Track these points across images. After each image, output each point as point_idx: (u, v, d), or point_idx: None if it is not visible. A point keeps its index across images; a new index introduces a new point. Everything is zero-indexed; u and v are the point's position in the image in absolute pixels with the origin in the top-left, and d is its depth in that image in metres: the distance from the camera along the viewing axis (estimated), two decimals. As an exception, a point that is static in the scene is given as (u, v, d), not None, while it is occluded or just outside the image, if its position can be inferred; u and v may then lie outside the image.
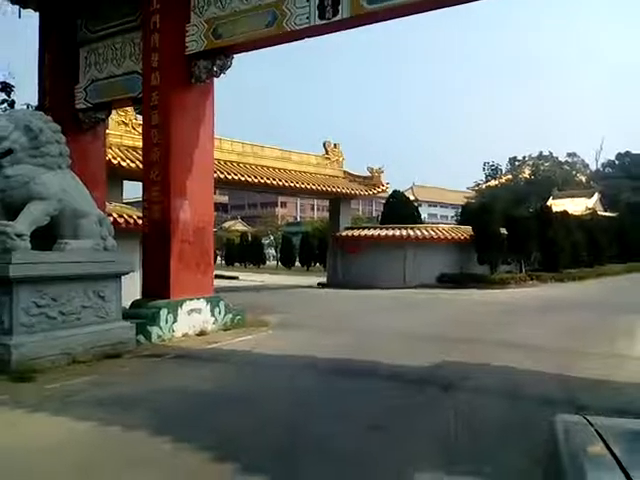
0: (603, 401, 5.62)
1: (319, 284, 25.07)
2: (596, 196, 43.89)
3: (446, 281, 22.00)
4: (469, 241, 23.12)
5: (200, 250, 10.71)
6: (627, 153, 56.14)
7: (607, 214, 40.55)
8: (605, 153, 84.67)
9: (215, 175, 13.62)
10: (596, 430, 1.33)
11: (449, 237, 23.36)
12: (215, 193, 12.37)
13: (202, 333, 10.24)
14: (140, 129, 12.68)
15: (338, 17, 9.04)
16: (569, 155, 57.72)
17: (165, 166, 10.25)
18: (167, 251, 10.14)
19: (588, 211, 38.32)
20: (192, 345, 9.35)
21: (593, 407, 5.29)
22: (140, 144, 11.77)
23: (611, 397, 5.85)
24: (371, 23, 9.88)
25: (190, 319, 10.20)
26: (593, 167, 59.52)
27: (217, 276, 17.30)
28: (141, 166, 11.78)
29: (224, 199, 70.17)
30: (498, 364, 7.58)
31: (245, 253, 45.37)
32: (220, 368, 7.82)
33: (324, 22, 9.18)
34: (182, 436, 4.64)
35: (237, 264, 45.54)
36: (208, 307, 10.62)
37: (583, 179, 55.29)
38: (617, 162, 56.97)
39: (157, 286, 10.12)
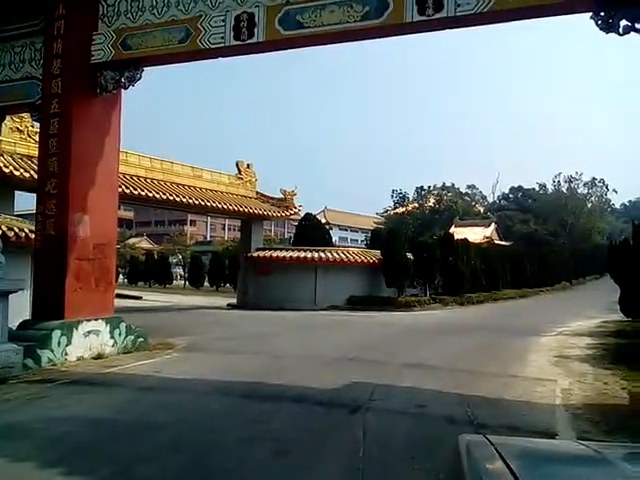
0: (497, 418, 5.98)
1: (229, 305, 24.60)
2: (493, 226, 47.15)
3: (355, 303, 22.49)
4: (378, 265, 23.85)
5: (100, 268, 10.11)
6: (520, 187, 61.14)
7: (502, 243, 43.74)
8: (501, 186, 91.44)
9: (120, 190, 13.02)
10: (495, 448, 1.38)
11: (359, 260, 23.95)
12: (120, 208, 11.79)
13: (100, 356, 9.64)
14: (37, 137, 11.87)
15: (253, 39, 9.06)
16: (469, 187, 61.79)
17: (64, 178, 9.66)
18: (62, 268, 9.48)
19: (486, 240, 41.17)
20: (88, 370, 8.75)
21: (489, 424, 5.58)
22: (36, 153, 11.01)
23: (503, 414, 6.22)
24: (287, 48, 10.01)
25: (87, 341, 9.57)
26: (490, 199, 64.05)
27: (118, 295, 16.43)
28: (36, 176, 11.00)
29: (129, 215, 67.27)
30: (404, 385, 7.79)
31: (151, 272, 43.32)
32: (118, 394, 7.34)
33: (239, 43, 9.15)
34: (76, 467, 4.32)
35: (141, 283, 43.49)
36: (107, 328, 10.01)
37: (481, 209, 59.27)
38: (511, 195, 61.79)
39: (50, 306, 9.41)
